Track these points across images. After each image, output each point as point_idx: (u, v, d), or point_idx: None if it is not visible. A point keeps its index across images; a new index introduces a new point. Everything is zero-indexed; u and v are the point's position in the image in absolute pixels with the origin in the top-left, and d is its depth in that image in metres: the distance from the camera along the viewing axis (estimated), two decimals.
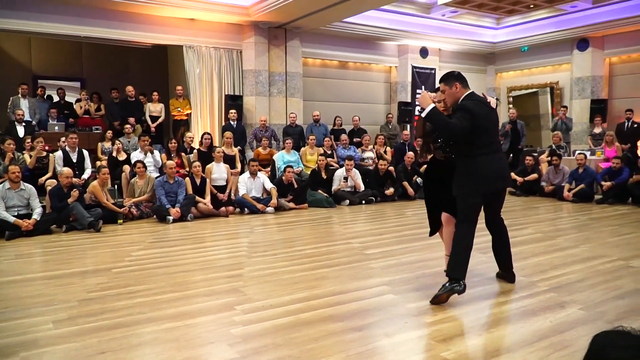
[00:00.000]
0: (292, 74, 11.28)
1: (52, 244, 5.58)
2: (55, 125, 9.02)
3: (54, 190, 6.56)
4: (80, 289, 3.77)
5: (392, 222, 6.82)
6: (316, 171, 8.69)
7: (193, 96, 10.35)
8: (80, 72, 12.15)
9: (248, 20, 10.33)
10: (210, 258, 4.76)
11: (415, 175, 9.35)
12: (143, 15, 9.63)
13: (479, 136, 3.48)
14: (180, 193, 7.11)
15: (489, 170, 3.50)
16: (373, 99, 13.25)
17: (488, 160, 3.52)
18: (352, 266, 4.36)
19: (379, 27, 11.82)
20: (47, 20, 8.89)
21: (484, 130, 3.50)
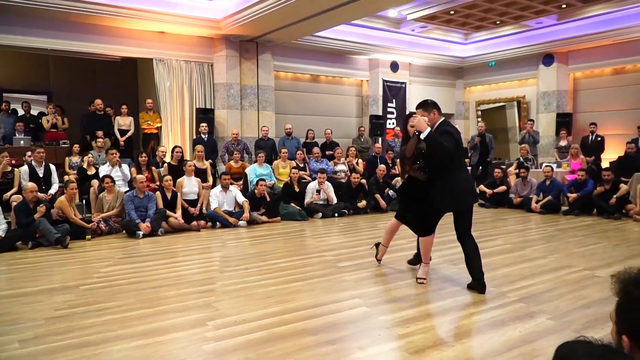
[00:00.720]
0: (264, 87, 11.31)
1: (18, 261, 5.43)
2: (21, 139, 8.84)
3: (20, 205, 6.39)
4: (47, 306, 3.68)
5: (364, 235, 6.86)
6: (289, 184, 8.70)
7: (163, 109, 10.28)
8: (47, 85, 11.93)
9: (219, 34, 10.35)
10: (181, 273, 4.71)
11: (387, 187, 9.45)
12: (112, 28, 9.55)
13: (454, 157, 4.00)
14: (150, 207, 7.02)
15: (464, 187, 4.06)
16: (345, 112, 13.39)
17: (462, 178, 4.08)
18: (326, 279, 4.38)
19: (350, 42, 11.99)
20: (13, 33, 8.75)
21: (458, 152, 4.05)
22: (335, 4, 8.52)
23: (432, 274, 4.51)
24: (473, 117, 15.27)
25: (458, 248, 5.68)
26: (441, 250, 5.56)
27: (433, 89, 14.80)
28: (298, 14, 9.09)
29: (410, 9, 11.21)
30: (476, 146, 11.12)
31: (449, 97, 15.28)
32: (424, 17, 11.41)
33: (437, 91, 14.90)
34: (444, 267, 4.81)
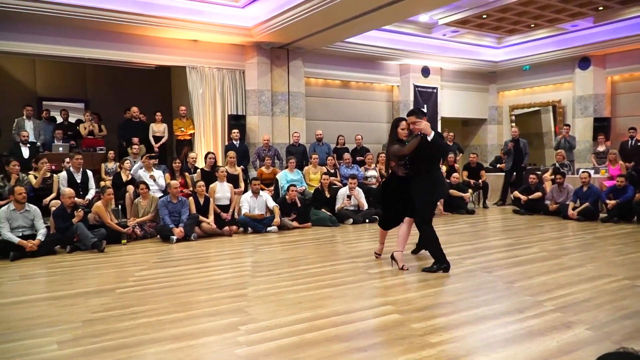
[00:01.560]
0: (295, 94, 11.39)
1: (56, 265, 5.59)
2: (60, 146, 9.11)
3: (58, 211, 6.59)
4: (84, 309, 3.77)
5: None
6: (319, 190, 8.71)
7: (196, 116, 10.45)
8: (84, 93, 12.29)
9: (250, 41, 10.47)
10: (214, 278, 4.77)
11: None
12: (146, 37, 9.78)
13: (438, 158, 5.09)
14: (183, 213, 7.14)
15: (442, 182, 5.15)
16: (375, 117, 13.35)
17: (440, 175, 5.17)
18: (357, 285, 4.36)
19: (380, 47, 11.97)
20: (52, 43, 9.04)
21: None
22: (365, 10, 8.54)
23: (466, 281, 4.44)
24: (506, 122, 15.01)
25: (492, 255, 5.63)
26: (474, 258, 5.47)
27: (465, 94, 14.64)
28: (328, 21, 9.13)
29: (441, 14, 11.14)
30: (510, 152, 10.92)
31: (481, 102, 15.07)
32: (456, 21, 11.31)
33: (469, 96, 14.74)
34: (477, 274, 4.73)
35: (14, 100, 10.34)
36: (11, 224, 6.02)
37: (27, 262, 5.70)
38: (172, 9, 9.20)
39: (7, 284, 4.76)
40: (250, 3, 9.69)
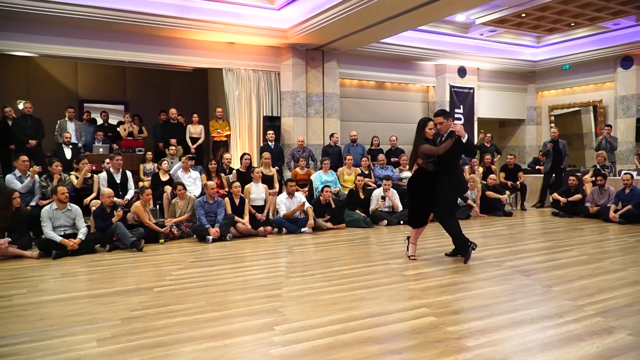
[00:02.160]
0: (330, 95, 11.40)
1: (96, 263, 5.75)
2: (100, 147, 9.37)
3: (98, 210, 6.77)
4: (122, 307, 3.86)
5: (431, 243, 6.71)
6: (354, 191, 8.69)
7: (232, 118, 10.58)
8: (123, 96, 12.61)
9: (286, 43, 10.54)
10: (249, 278, 4.81)
11: None
12: (184, 40, 9.97)
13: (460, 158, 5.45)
14: (219, 213, 7.23)
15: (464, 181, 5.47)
16: (410, 118, 13.21)
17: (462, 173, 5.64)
18: (391, 287, 4.32)
19: (416, 48, 11.87)
20: (93, 46, 9.31)
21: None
22: (401, 10, 8.48)
23: (503, 284, 4.34)
24: (545, 123, 14.64)
25: (530, 258, 5.49)
26: (512, 260, 5.35)
27: (503, 94, 14.36)
28: (364, 22, 9.10)
29: (478, 13, 10.95)
30: (549, 153, 10.64)
31: (519, 102, 14.76)
32: (494, 20, 11.11)
33: (507, 96, 14.45)
34: (515, 277, 4.62)
35: (57, 102, 10.69)
36: (53, 223, 6.22)
37: (69, 261, 5.87)
38: (210, 12, 9.35)
39: (49, 282, 4.92)
40: (286, 5, 9.76)
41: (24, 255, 6.01)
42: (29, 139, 8.79)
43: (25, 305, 3.99)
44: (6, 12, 8.24)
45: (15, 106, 10.42)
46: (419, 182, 5.36)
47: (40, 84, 11.70)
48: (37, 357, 2.91)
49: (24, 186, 6.99)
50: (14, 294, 4.34)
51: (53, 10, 8.30)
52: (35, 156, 8.66)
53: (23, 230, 6.34)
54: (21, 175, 7.18)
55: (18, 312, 3.78)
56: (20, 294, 4.35)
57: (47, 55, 9.69)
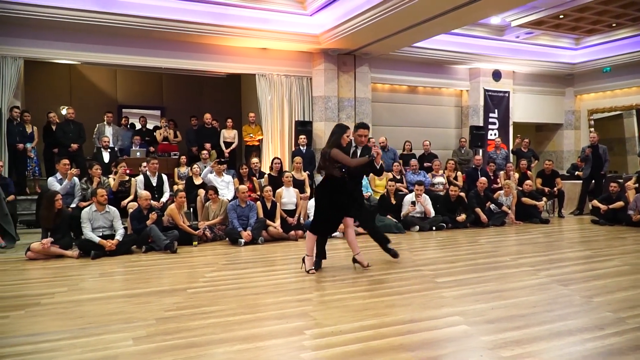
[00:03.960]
0: (361, 99, 11.38)
1: (133, 264, 5.88)
2: (137, 151, 9.60)
3: (135, 213, 6.94)
4: (157, 307, 3.93)
5: (464, 250, 6.62)
6: (385, 196, 8.64)
7: (264, 122, 10.68)
8: (160, 101, 12.91)
9: (318, 48, 10.58)
10: (280, 281, 4.83)
11: (489, 201, 9.08)
12: (218, 47, 10.13)
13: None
14: (251, 216, 7.30)
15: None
16: (443, 123, 13.09)
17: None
18: (423, 294, 4.27)
19: (449, 51, 11.74)
20: (132, 54, 9.58)
21: None
22: (434, 14, 8.40)
23: (540, 294, 4.23)
24: (585, 127, 14.25)
25: (568, 267, 5.34)
26: (549, 270, 5.21)
27: (539, 98, 14.05)
28: (396, 26, 9.06)
29: (514, 15, 10.76)
30: (587, 158, 10.34)
31: (557, 106, 14.40)
32: (530, 22, 10.90)
33: (543, 100, 14.13)
34: (552, 287, 4.50)
35: (97, 108, 11.04)
36: (93, 224, 6.40)
37: (106, 261, 6.03)
38: (243, 19, 9.48)
39: (88, 281, 5.06)
40: (318, 11, 9.80)
41: (65, 254, 6.21)
42: (71, 143, 9.11)
43: (66, 303, 4.11)
44: (51, 22, 8.57)
45: (58, 112, 10.82)
46: (329, 189, 5.12)
47: (81, 91, 12.11)
48: (76, 354, 2.99)
49: (63, 188, 7.21)
50: (55, 291, 4.48)
51: (95, 19, 8.60)
52: (76, 159, 8.99)
53: (65, 230, 6.55)
54: (62, 177, 7.42)
55: (59, 310, 3.90)
56: (61, 292, 4.49)
57: (88, 62, 10.03)
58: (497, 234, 8.03)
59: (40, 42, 8.93)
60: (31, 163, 9.17)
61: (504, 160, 11.23)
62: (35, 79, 10.97)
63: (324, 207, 5.15)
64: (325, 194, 5.14)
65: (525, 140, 11.66)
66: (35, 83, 11.05)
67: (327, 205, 5.12)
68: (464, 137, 12.30)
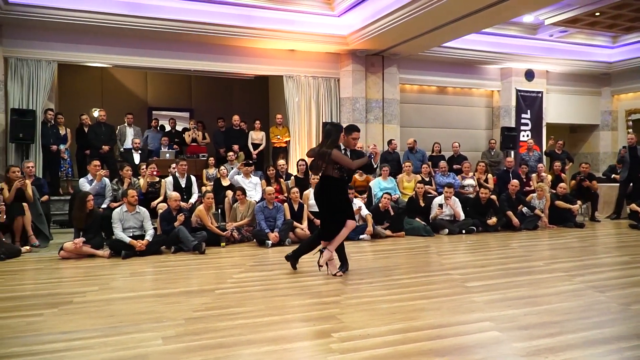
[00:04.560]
0: (389, 100, 11.33)
1: (162, 264, 5.99)
2: (167, 152, 9.75)
3: (164, 213, 7.06)
4: (186, 307, 3.99)
5: (495, 254, 6.52)
6: (414, 198, 8.58)
7: (292, 124, 10.73)
8: (189, 103, 13.11)
9: (346, 49, 10.59)
10: (307, 284, 4.84)
11: (521, 204, 8.92)
12: (247, 49, 10.23)
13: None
14: (278, 218, 7.34)
15: None
16: (474, 124, 12.92)
17: None
18: (453, 299, 4.22)
19: (480, 51, 11.60)
20: (162, 56, 9.77)
21: None
22: (465, 13, 8.31)
23: (575, 300, 4.14)
24: (622, 128, 13.86)
25: (604, 273, 5.21)
26: (584, 275, 5.09)
27: (574, 98, 13.74)
28: (426, 26, 9.00)
29: (548, 13, 10.56)
30: (623, 160, 10.06)
31: (592, 107, 14.06)
32: (565, 20, 10.67)
33: (578, 100, 13.81)
34: (588, 293, 4.39)
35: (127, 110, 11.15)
36: (123, 224, 6.54)
37: (137, 261, 6.15)
38: (272, 21, 9.56)
39: (119, 280, 5.18)
40: (346, 11, 9.81)
41: (96, 254, 6.36)
42: (102, 145, 9.33)
43: (97, 301, 4.21)
44: (83, 27, 8.81)
45: (90, 114, 11.09)
46: (330, 190, 5.03)
47: (113, 93, 12.39)
48: (108, 352, 3.06)
49: (92, 189, 7.38)
50: (87, 290, 4.59)
51: (126, 23, 8.80)
52: (107, 161, 9.20)
53: (96, 230, 6.70)
54: (92, 178, 7.60)
55: (91, 308, 4.00)
56: (93, 290, 4.60)
57: (119, 65, 10.26)
58: (529, 238, 7.88)
59: (73, 46, 9.19)
60: (64, 164, 9.43)
61: (536, 162, 11.02)
62: (68, 82, 11.27)
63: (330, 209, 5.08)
64: (328, 195, 5.05)
65: (559, 141, 11.42)
66: (68, 86, 11.35)
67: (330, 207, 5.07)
68: (494, 138, 12.12)
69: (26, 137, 8.63)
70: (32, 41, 8.95)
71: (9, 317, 3.80)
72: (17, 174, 6.96)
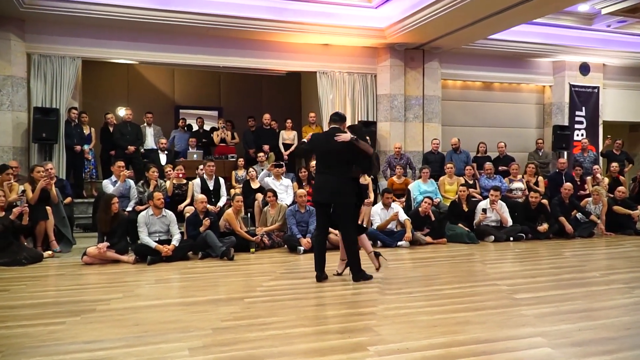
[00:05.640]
0: (430, 97, 11.23)
1: (189, 270, 6.08)
2: (194, 153, 9.89)
3: (191, 217, 7.15)
4: (214, 317, 4.04)
5: (546, 263, 6.38)
6: (456, 203, 8.46)
7: (326, 123, 10.72)
8: (217, 101, 13.29)
9: (383, 43, 10.54)
10: (341, 293, 4.83)
11: (575, 209, 8.70)
12: (278, 43, 10.30)
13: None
14: (311, 223, 7.35)
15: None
16: (522, 122, 12.69)
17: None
18: (500, 312, 4.14)
19: (530, 43, 11.36)
20: (190, 52, 9.90)
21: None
22: (512, 3, 8.16)
23: (636, 315, 4.00)
24: None
25: None
26: None
27: (634, 94, 13.33)
28: (470, 17, 8.87)
29: (605, 2, 10.29)
30: None
31: None
32: (623, 10, 10.37)
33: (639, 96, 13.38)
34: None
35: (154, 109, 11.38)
36: (149, 228, 6.66)
37: (163, 267, 6.26)
38: (304, 14, 9.59)
39: (144, 287, 5.28)
40: (384, 3, 9.77)
41: (121, 259, 6.49)
42: (128, 145, 9.50)
43: (121, 309, 4.30)
44: (108, 21, 9.01)
45: (116, 113, 11.35)
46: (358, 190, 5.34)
47: (139, 91, 12.67)
48: None
49: (115, 190, 7.51)
50: (111, 298, 4.70)
51: (152, 17, 8.96)
52: (133, 162, 9.38)
53: (121, 235, 6.79)
54: (116, 180, 7.76)
55: (115, 317, 4.09)
56: (117, 298, 4.70)
57: (146, 62, 10.49)
58: (584, 247, 7.68)
59: (98, 42, 9.38)
60: (88, 165, 9.63)
61: (591, 164, 10.74)
62: (93, 80, 11.55)
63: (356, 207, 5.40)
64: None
65: (618, 141, 11.10)
66: (93, 84, 11.64)
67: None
68: (542, 138, 11.86)
69: (49, 137, 8.85)
70: (55, 37, 9.16)
71: (30, 325, 3.90)
72: (42, 173, 7.16)
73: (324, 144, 5.25)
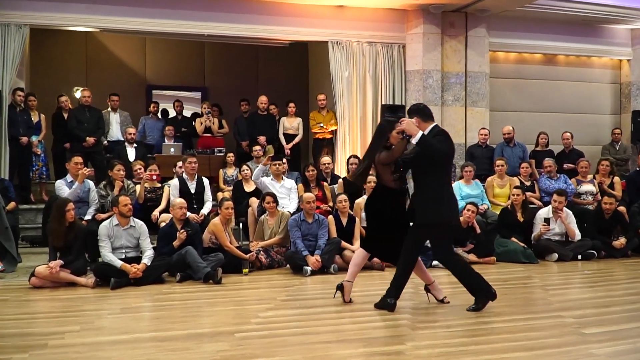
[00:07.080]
0: (475, 75, 11.21)
1: (164, 297, 6.11)
2: (171, 146, 9.84)
3: (165, 229, 7.13)
4: (197, 356, 4.05)
5: (623, 289, 6.38)
6: (508, 210, 8.46)
7: (339, 108, 10.74)
8: (201, 81, 13.33)
9: (414, 4, 10.54)
10: (360, 326, 4.84)
11: None
12: (279, 5, 10.29)
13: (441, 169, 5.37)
14: (321, 236, 7.36)
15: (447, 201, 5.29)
16: (594, 107, 12.66)
17: (445, 191, 5.31)
18: (564, 350, 4.15)
19: (603, 5, 11.32)
20: (166, 17, 9.89)
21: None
22: None
23: None
24: None
25: None
26: None
27: None
28: None
29: None
30: None
31: None
32: None
33: None
34: None
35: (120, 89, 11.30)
36: (113, 242, 6.67)
37: (130, 292, 6.28)
38: None
39: (107, 318, 5.30)
40: None
41: (78, 282, 6.52)
42: (87, 136, 9.48)
43: (78, 346, 4.32)
44: None
45: (71, 95, 11.39)
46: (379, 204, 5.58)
47: (101, 68, 12.71)
48: None
49: (71, 193, 7.55)
50: (66, 330, 4.72)
51: None
52: (94, 157, 9.38)
53: (78, 250, 6.75)
54: (73, 180, 7.79)
55: (71, 355, 4.11)
56: (73, 331, 4.72)
57: (109, 29, 10.50)
58: None
59: (50, 5, 9.39)
60: (37, 162, 9.63)
61: None
62: (43, 54, 11.63)
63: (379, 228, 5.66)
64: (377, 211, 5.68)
65: None
66: (44, 59, 11.71)
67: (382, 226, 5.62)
68: (619, 127, 11.81)
69: None
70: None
71: None
72: None
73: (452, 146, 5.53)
